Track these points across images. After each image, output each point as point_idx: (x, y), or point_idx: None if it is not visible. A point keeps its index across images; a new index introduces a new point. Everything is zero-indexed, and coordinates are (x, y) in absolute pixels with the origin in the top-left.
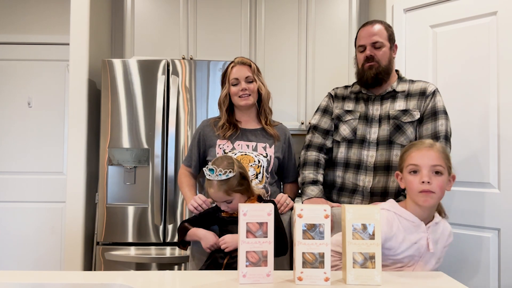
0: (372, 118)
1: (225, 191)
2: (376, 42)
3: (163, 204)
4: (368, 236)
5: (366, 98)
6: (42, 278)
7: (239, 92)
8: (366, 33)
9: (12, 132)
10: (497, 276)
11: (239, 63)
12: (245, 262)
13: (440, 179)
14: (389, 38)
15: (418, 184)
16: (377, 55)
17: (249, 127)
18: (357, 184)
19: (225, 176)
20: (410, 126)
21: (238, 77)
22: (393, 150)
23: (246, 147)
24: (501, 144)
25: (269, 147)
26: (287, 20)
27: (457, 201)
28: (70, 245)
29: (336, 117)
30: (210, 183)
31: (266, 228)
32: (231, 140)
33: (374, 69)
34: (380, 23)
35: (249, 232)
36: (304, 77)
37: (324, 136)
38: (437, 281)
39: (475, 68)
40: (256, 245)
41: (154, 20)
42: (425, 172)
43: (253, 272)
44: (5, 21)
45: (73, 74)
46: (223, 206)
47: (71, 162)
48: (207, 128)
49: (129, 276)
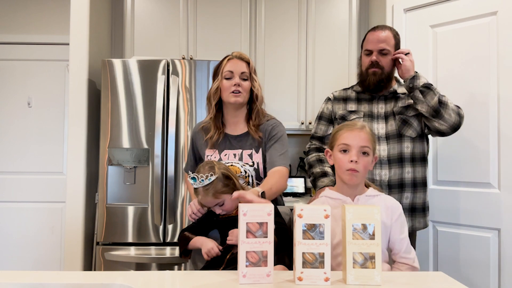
0: (378, 115)
1: (213, 195)
2: (383, 50)
3: (163, 204)
4: (368, 236)
5: (369, 99)
6: (42, 278)
7: (231, 87)
8: (375, 38)
9: (12, 132)
10: (497, 276)
11: (237, 57)
12: (245, 262)
13: (366, 159)
14: (396, 45)
15: (347, 163)
16: (382, 62)
17: (234, 133)
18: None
19: (207, 180)
20: (416, 119)
21: (233, 70)
22: (403, 142)
23: (233, 156)
24: (501, 144)
25: (256, 153)
26: (287, 20)
27: (457, 201)
28: (70, 245)
29: (341, 117)
30: (196, 191)
31: (266, 228)
32: (218, 150)
33: (378, 76)
34: (389, 29)
35: (249, 232)
36: (304, 77)
37: (320, 141)
38: (437, 281)
39: (475, 68)
40: (256, 245)
41: (154, 20)
42: (354, 152)
43: (253, 272)
44: (5, 21)
45: (73, 74)
46: (217, 209)
47: (71, 162)
48: (197, 135)
49: (129, 276)
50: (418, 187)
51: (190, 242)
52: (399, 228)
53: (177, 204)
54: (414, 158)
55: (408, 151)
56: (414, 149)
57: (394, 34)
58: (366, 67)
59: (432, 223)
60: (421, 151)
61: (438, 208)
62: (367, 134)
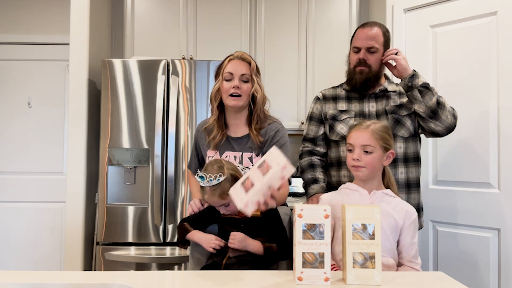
0: (369, 114)
1: (219, 196)
2: (371, 48)
3: (163, 204)
4: (368, 236)
5: (360, 97)
6: (42, 278)
7: (230, 89)
8: (363, 35)
9: (12, 132)
10: (497, 276)
11: (238, 57)
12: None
13: (369, 156)
14: (385, 43)
15: (351, 160)
16: (370, 60)
17: (235, 135)
18: None
19: (216, 181)
20: (408, 119)
21: (233, 72)
22: (396, 143)
23: (233, 158)
24: (501, 144)
25: (256, 156)
26: (287, 20)
27: (457, 201)
28: (70, 245)
29: (331, 117)
30: (203, 189)
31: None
32: (220, 151)
33: (364, 75)
34: (379, 26)
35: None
36: (304, 77)
37: (312, 143)
38: (437, 281)
39: (475, 68)
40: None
41: (154, 20)
42: (357, 151)
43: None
44: (5, 21)
45: (73, 74)
46: (222, 209)
47: (71, 162)
48: (200, 135)
49: (129, 276)
50: (412, 188)
51: (188, 234)
52: (412, 233)
53: (177, 204)
54: (407, 158)
55: (401, 152)
56: (407, 149)
57: (384, 31)
58: (353, 65)
59: (432, 223)
60: (414, 151)
61: (438, 208)
62: (369, 133)
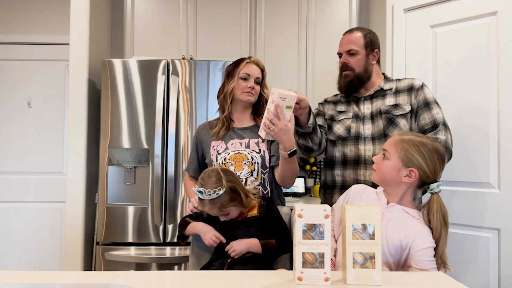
0: (364, 116)
1: (219, 208)
2: (350, 50)
3: (163, 204)
4: (368, 236)
5: (356, 100)
6: (42, 278)
7: (246, 88)
8: (343, 41)
9: (12, 132)
10: (497, 276)
11: (255, 62)
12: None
13: (384, 163)
14: (366, 45)
15: None
16: (351, 62)
17: (241, 126)
18: (358, 179)
19: (215, 195)
20: (403, 119)
21: (251, 74)
22: None
23: (240, 144)
24: (501, 144)
25: (262, 142)
26: (287, 20)
27: (457, 201)
28: (70, 245)
29: (330, 117)
30: (202, 202)
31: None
32: (225, 140)
33: (348, 78)
34: (360, 30)
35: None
36: (304, 77)
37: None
38: (437, 281)
39: (475, 68)
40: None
41: (154, 20)
42: (377, 155)
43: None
44: (5, 21)
45: (73, 74)
46: (222, 218)
47: (71, 162)
48: (202, 131)
49: (129, 276)
50: None
51: (188, 226)
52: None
53: (177, 204)
54: None
55: None
56: None
57: (365, 34)
58: (339, 71)
59: None
60: None
61: None
62: (391, 141)
